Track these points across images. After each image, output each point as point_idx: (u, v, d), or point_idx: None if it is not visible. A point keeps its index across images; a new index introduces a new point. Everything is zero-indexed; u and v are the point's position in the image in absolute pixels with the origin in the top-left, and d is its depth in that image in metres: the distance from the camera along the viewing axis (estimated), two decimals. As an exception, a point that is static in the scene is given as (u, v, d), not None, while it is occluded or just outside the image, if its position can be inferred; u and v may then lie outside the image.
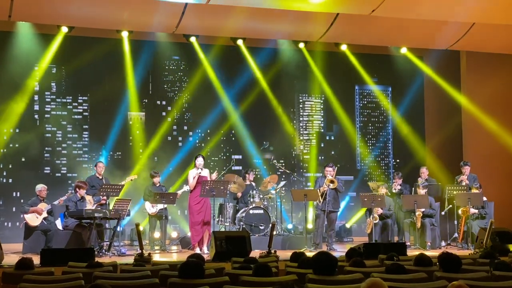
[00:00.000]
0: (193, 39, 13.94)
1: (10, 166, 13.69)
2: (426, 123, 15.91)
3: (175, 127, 14.90)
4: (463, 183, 12.46)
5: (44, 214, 11.12)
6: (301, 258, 6.10)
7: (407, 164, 15.58)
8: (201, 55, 14.49)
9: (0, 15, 11.76)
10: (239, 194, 12.67)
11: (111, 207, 11.10)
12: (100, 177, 12.05)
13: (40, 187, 11.43)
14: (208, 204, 11.41)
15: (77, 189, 11.08)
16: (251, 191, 12.56)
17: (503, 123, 14.53)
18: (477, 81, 14.71)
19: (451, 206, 12.22)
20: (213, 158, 14.89)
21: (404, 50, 14.92)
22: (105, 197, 11.30)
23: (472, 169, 13.01)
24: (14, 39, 13.41)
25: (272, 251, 9.26)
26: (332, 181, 11.58)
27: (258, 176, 14.72)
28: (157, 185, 12.22)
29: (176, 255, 11.16)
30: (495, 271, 5.55)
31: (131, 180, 12.25)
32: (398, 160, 16.15)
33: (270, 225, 10.46)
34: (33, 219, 11.01)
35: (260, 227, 12.04)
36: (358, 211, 14.95)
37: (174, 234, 13.07)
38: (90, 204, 11.10)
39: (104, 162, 12.66)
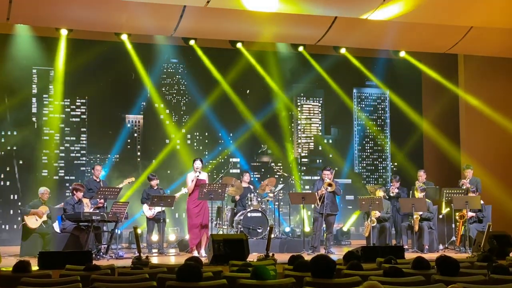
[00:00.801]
0: (192, 42, 13.94)
1: (7, 169, 13.69)
2: (424, 127, 15.93)
3: (173, 129, 14.90)
4: (464, 187, 12.46)
5: (44, 218, 11.10)
6: (297, 261, 6.09)
7: (405, 167, 15.60)
8: (200, 57, 14.48)
9: (-2, 18, 11.75)
10: (237, 197, 12.67)
11: (108, 210, 11.09)
12: (98, 180, 12.04)
13: (43, 190, 11.42)
14: (206, 207, 11.41)
15: (74, 192, 11.07)
16: (249, 194, 12.56)
17: (501, 126, 14.54)
18: (475, 85, 14.74)
19: (448, 209, 12.22)
20: (211, 161, 14.89)
21: (402, 54, 14.93)
22: (102, 200, 11.29)
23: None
24: (12, 42, 13.41)
25: (270, 254, 9.25)
26: (330, 184, 11.59)
27: (256, 179, 14.73)
28: (155, 188, 12.19)
29: (174, 258, 11.15)
30: (493, 275, 5.55)
31: (129, 183, 12.23)
32: (396, 163, 16.17)
33: (268, 228, 10.46)
34: (33, 222, 10.99)
35: (258, 230, 12.04)
36: (353, 214, 14.97)
37: (172, 237, 13.06)
38: (87, 207, 11.09)
39: (101, 165, 12.66)
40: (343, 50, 14.63)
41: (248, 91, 15.17)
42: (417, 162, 15.37)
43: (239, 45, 14.18)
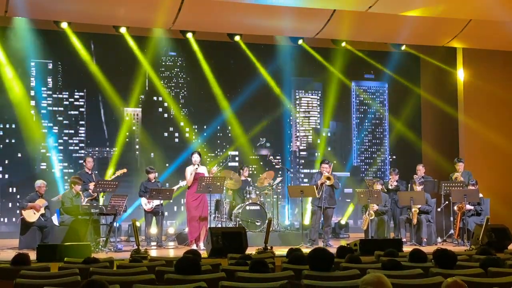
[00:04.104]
0: (189, 35, 13.89)
1: (6, 162, 13.68)
2: (422, 120, 15.92)
3: (171, 123, 14.89)
4: (457, 180, 12.47)
5: (42, 211, 11.08)
6: (292, 254, 6.09)
7: (404, 160, 15.61)
8: (197, 51, 14.44)
9: (-4, 11, 11.73)
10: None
11: (101, 202, 11.10)
12: (90, 172, 11.99)
13: (40, 183, 11.39)
14: (205, 200, 11.42)
15: (73, 185, 11.06)
16: (247, 187, 12.57)
17: (499, 119, 14.54)
18: (474, 78, 14.71)
19: (447, 202, 12.24)
20: (209, 154, 14.90)
21: (402, 47, 14.89)
22: (95, 193, 11.29)
23: (469, 165, 12.99)
24: (10, 35, 13.38)
25: (269, 247, 9.27)
26: (328, 178, 11.60)
27: (254, 172, 14.73)
28: (153, 181, 12.20)
29: (172, 251, 11.16)
30: (490, 268, 5.57)
31: (121, 174, 12.15)
32: (394, 157, 16.18)
33: (267, 221, 10.47)
34: (31, 215, 10.98)
35: (257, 223, 12.05)
36: (349, 206, 15.00)
37: (170, 230, 13.07)
38: (82, 200, 11.10)
39: (93, 157, 12.57)
40: (343, 44, 14.60)
41: (246, 85, 15.10)
42: (416, 155, 15.38)
43: (237, 38, 14.13)
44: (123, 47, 13.90)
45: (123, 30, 13.30)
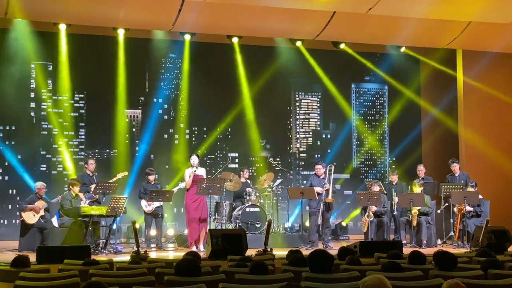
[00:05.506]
0: (187, 37, 13.85)
1: (6, 164, 13.67)
2: (422, 121, 15.92)
3: (171, 124, 14.89)
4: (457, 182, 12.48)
5: (42, 213, 11.07)
6: (292, 256, 6.09)
7: (404, 162, 15.60)
8: (195, 53, 14.43)
9: (-4, 12, 11.73)
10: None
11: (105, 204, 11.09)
12: (91, 175, 12.00)
13: (39, 185, 11.40)
14: (205, 201, 11.43)
15: (71, 187, 11.06)
16: (247, 189, 12.56)
17: (499, 121, 14.53)
18: (474, 80, 14.71)
19: (447, 204, 12.23)
20: (209, 156, 14.89)
21: (402, 49, 14.89)
22: (97, 196, 11.29)
23: (469, 167, 12.98)
24: (10, 37, 13.38)
25: (268, 249, 9.26)
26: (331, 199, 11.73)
27: (254, 174, 14.73)
28: (152, 183, 12.18)
29: (172, 253, 11.16)
30: (490, 270, 5.56)
31: (121, 177, 12.14)
32: (394, 158, 16.17)
33: (266, 223, 10.47)
34: (30, 217, 10.97)
35: (256, 225, 12.04)
36: (355, 209, 14.97)
37: (170, 232, 13.07)
38: (82, 202, 11.09)
39: (94, 159, 12.55)
40: (342, 45, 14.59)
41: (245, 87, 15.10)
42: (416, 157, 15.36)
43: (235, 40, 14.07)
44: (123, 49, 13.90)
45: (122, 31, 13.30)
